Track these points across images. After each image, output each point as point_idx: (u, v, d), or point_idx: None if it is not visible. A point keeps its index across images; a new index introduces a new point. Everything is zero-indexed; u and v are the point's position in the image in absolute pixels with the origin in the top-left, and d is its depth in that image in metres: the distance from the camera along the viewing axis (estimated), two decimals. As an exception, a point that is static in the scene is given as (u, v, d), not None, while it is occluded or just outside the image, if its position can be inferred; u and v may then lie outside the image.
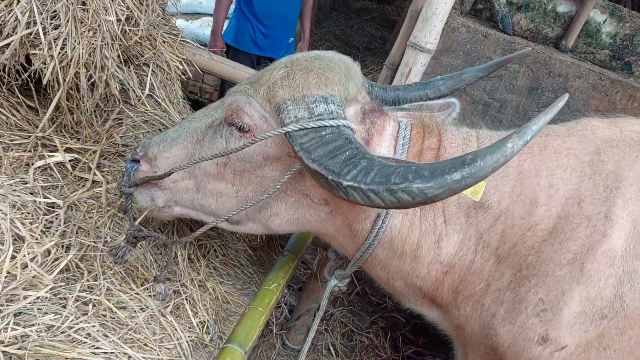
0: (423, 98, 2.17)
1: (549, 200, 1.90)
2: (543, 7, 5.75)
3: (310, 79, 1.82)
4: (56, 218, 2.24)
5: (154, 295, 2.33)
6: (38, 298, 1.91)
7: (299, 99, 1.80)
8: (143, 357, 2.09)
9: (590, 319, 1.82)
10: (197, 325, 2.40)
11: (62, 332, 1.94)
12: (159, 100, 2.91)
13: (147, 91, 2.84)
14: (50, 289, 1.97)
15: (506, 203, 1.94)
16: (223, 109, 2.02)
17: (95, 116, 2.61)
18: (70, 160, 2.43)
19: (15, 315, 1.86)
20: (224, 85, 5.24)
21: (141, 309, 2.27)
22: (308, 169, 1.68)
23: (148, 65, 2.89)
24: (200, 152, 2.05)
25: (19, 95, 2.45)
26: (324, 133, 1.71)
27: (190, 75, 3.09)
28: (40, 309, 1.91)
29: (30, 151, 2.36)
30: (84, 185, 2.44)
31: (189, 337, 2.30)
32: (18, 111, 2.45)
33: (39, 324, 1.86)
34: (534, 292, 1.89)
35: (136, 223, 2.25)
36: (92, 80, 2.40)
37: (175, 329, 2.29)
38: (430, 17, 2.65)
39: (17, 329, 1.80)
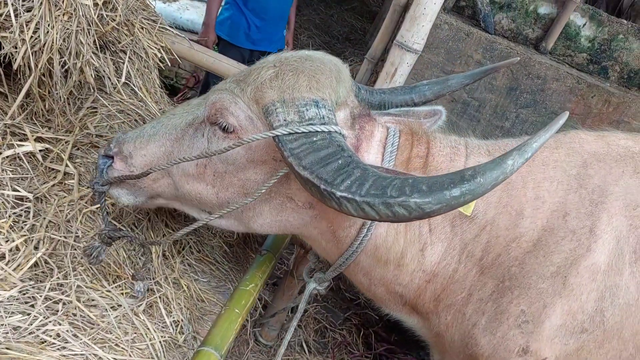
0: (409, 103, 2.12)
1: (535, 213, 1.89)
2: (525, 8, 5.77)
3: (300, 80, 1.76)
4: (25, 211, 2.14)
5: (130, 293, 2.25)
6: (6, 298, 1.81)
7: (288, 102, 1.73)
8: (114, 358, 2.03)
9: (571, 332, 1.83)
10: (171, 324, 2.33)
11: (30, 333, 1.85)
12: (136, 89, 2.80)
13: (123, 79, 2.73)
14: (19, 289, 1.88)
15: (492, 214, 1.92)
16: (206, 107, 1.94)
17: (68, 104, 2.49)
18: (40, 151, 2.32)
19: (-21, 315, 1.77)
20: (209, 78, 5.11)
21: (113, 307, 2.20)
22: (298, 176, 1.61)
23: (125, 52, 2.78)
24: (180, 151, 1.97)
25: (-13, 80, 2.32)
26: (315, 139, 1.64)
27: (169, 64, 2.99)
28: (7, 309, 1.82)
29: (-2, 139, 2.25)
30: (54, 177, 2.33)
31: (162, 337, 2.24)
32: (-14, 96, 2.32)
33: (5, 325, 1.77)
34: (516, 304, 1.88)
35: (109, 219, 2.16)
36: (66, 66, 2.29)
37: (148, 329, 2.22)
38: (418, 16, 2.61)
39: (-19, 331, 1.71)
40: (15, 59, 2.13)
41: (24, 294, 1.94)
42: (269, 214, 1.98)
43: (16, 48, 2.12)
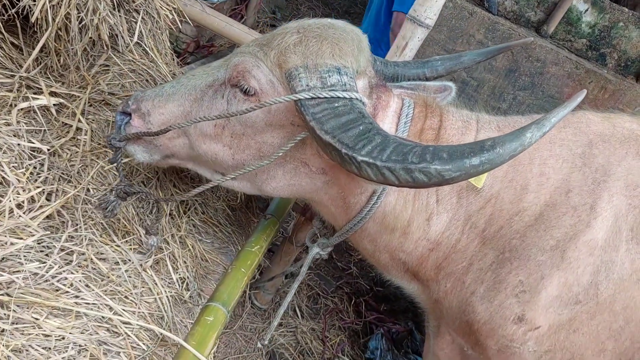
0: (420, 77, 2.17)
1: (539, 188, 1.96)
2: (528, -10, 5.79)
3: (324, 47, 1.79)
4: (40, 164, 2.17)
5: (138, 249, 2.31)
6: (24, 247, 1.86)
7: (311, 67, 1.77)
8: (124, 310, 2.09)
9: (566, 303, 1.92)
10: (177, 281, 2.40)
11: (46, 281, 1.91)
12: (147, 49, 2.81)
13: (135, 38, 2.74)
14: (36, 238, 1.92)
15: (498, 187, 1.99)
16: (227, 69, 1.97)
17: (82, 61, 2.51)
18: (54, 105, 2.34)
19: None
20: None
21: (123, 261, 2.25)
22: (320, 140, 1.66)
23: (138, 12, 2.79)
24: (198, 112, 2.00)
25: (3, 32, 2.32)
26: (336, 105, 1.69)
27: (180, 27, 3.00)
28: (26, 257, 1.87)
29: (13, 92, 2.26)
30: (67, 132, 2.36)
31: (169, 292, 2.31)
32: (1, 48, 2.32)
33: (24, 271, 1.82)
34: (515, 274, 1.97)
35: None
36: (82, 22, 2.31)
37: (156, 284, 2.29)
38: (432, -8, 2.63)
39: (2, 275, 1.75)
40: (33, 12, 2.14)
41: (39, 243, 1.99)
42: (282, 177, 2.03)
43: (34, 1, 2.13)
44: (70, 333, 1.87)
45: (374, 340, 3.82)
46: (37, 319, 1.82)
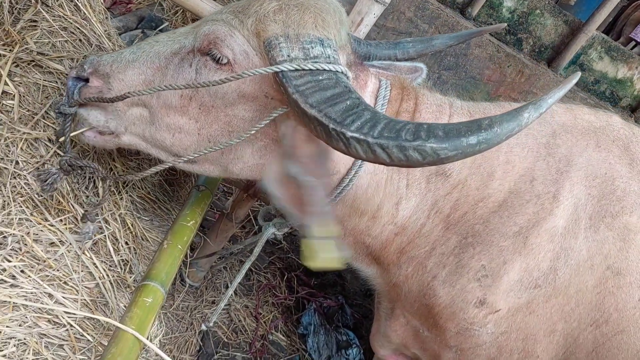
0: (391, 58, 2.12)
1: (504, 175, 1.99)
2: (457, -28, 5.89)
3: (306, 17, 1.70)
4: (-40, 132, 1.88)
5: (74, 229, 2.08)
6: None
7: (292, 37, 1.67)
8: (63, 297, 1.89)
9: (526, 287, 1.98)
10: (119, 263, 2.21)
11: (-23, 269, 1.67)
12: (79, 5, 2.51)
13: (67, -9, 2.43)
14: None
15: (466, 173, 2.00)
16: (197, 38, 1.81)
17: (5, 14, 2.18)
18: (-25, 63, 2.03)
19: None
20: None
21: (58, 243, 2.03)
22: (304, 114, 1.55)
23: (69, -39, 2.47)
24: (162, 81, 1.82)
25: None
26: (321, 78, 1.60)
27: (116, -19, 2.70)
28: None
29: None
30: (-9, 96, 2.05)
31: (111, 276, 2.11)
32: None
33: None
34: (477, 259, 2.00)
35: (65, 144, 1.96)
36: (9, -31, 2.00)
37: (97, 267, 2.09)
38: (391, -33, 2.55)
39: None
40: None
41: (-35, 225, 1.73)
42: (251, 157, 1.91)
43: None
44: (7, 327, 1.65)
45: (306, 315, 3.81)
46: (-33, 312, 1.59)
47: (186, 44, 1.86)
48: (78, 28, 2.46)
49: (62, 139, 1.93)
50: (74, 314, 1.82)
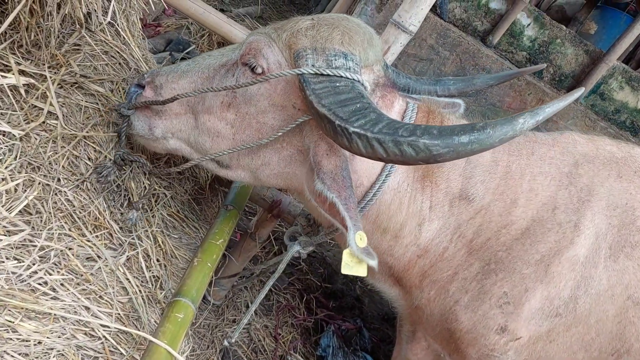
0: (432, 93, 2.22)
1: (528, 203, 2.04)
2: (477, 0, 5.99)
3: (334, 34, 1.88)
4: (9, 150, 1.99)
5: (123, 222, 2.25)
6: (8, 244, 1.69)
7: (319, 50, 1.85)
8: (99, 311, 1.97)
9: (547, 316, 2.01)
10: (150, 279, 2.29)
11: (22, 281, 1.75)
12: (120, 30, 2.64)
13: (109, 18, 2.55)
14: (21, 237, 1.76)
15: (489, 199, 2.05)
16: (242, 48, 2.03)
17: (53, 38, 2.31)
18: (24, 85, 2.14)
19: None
20: None
21: (94, 258, 2.12)
22: (316, 112, 1.71)
23: (112, -11, 2.60)
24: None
25: (-32, -1, 2.09)
26: (338, 84, 1.76)
27: (154, 9, 2.84)
28: (5, 254, 1.70)
29: (-23, 67, 2.05)
30: (37, 116, 2.17)
31: (143, 291, 2.19)
32: (-36, 17, 2.09)
33: (5, 271, 1.66)
34: (500, 286, 2.04)
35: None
36: (60, -3, 2.12)
37: (130, 283, 2.17)
38: (419, -1, 2.66)
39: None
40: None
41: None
42: (277, 164, 2.05)
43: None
44: (47, 337, 1.73)
45: (325, 337, 3.84)
46: (11, 322, 1.67)
47: (233, 57, 2.08)
48: (118, 52, 2.59)
49: (119, 134, 2.26)
50: (109, 326, 1.90)
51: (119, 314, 2.01)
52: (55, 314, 1.76)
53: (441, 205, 2.07)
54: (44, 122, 2.17)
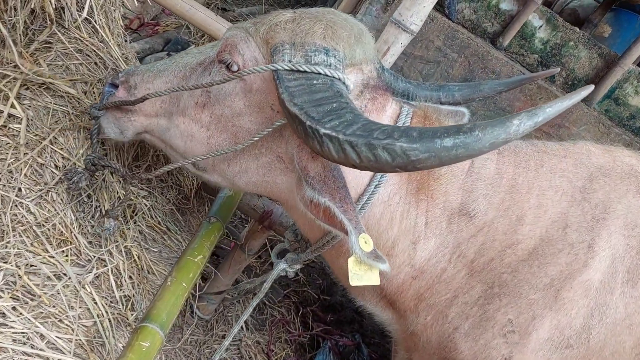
0: (434, 100, 2.00)
1: (536, 220, 1.83)
2: (488, 1, 5.77)
3: (316, 27, 1.70)
4: (-39, 157, 1.81)
5: (101, 230, 2.07)
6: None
7: (298, 45, 1.67)
8: (58, 338, 1.78)
9: (556, 347, 1.79)
10: (120, 299, 2.10)
11: (-36, 306, 1.57)
12: (97, 27, 2.45)
13: (85, 14, 2.36)
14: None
15: (492, 215, 1.84)
16: (219, 44, 1.88)
17: (20, 35, 2.13)
18: (-18, 86, 1.97)
19: None
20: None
21: (57, 276, 1.93)
22: (287, 112, 1.53)
23: (89, -17, 2.42)
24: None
25: None
26: (315, 82, 1.59)
27: (136, 4, 2.66)
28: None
29: None
30: (-3, 119, 1.99)
31: (111, 313, 2.00)
32: None
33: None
34: (504, 312, 1.82)
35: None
36: (24, -10, 1.95)
37: (96, 303, 1.98)
38: (421, -4, 2.45)
39: None
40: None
41: (-43, 257, 1.64)
42: (255, 172, 1.87)
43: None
44: (-9, 370, 1.54)
45: (321, 354, 3.63)
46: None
47: (210, 54, 1.93)
48: (94, 51, 2.40)
49: (91, 137, 2.11)
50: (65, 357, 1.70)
51: (79, 340, 1.82)
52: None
53: (438, 222, 1.86)
54: (4, 126, 1.99)
